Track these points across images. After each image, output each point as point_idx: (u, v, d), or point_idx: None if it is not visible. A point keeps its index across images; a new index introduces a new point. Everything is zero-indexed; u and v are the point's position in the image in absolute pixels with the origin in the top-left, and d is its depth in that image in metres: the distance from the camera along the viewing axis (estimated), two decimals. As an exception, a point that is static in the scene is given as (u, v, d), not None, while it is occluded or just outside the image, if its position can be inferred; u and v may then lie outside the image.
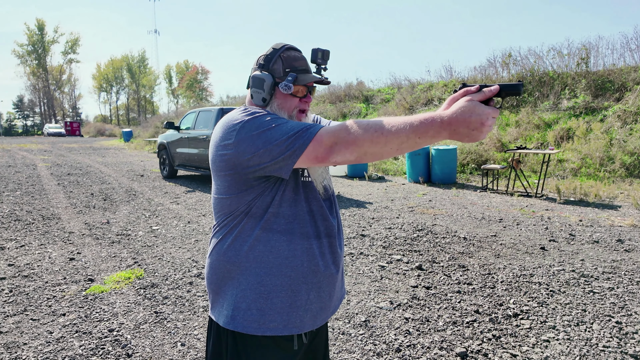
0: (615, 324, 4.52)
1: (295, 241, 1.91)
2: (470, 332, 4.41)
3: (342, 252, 2.12)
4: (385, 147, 1.60)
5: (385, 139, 1.58)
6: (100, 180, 15.86)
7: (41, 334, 4.43)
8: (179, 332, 4.48)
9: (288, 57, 2.00)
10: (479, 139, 1.53)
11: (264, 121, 1.77)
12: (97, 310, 4.96)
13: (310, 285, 1.95)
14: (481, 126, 1.49)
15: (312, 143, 1.68)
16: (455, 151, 15.10)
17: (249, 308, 1.90)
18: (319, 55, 2.01)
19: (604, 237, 7.77)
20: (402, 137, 1.56)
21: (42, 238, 7.96)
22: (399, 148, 1.60)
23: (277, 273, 1.90)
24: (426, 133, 1.54)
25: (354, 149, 1.63)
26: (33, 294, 5.45)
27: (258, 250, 1.90)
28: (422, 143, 1.58)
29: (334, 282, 2.06)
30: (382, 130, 1.58)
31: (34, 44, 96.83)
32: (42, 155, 26.75)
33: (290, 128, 1.72)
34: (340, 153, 1.65)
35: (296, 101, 2.00)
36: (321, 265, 1.97)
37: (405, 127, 1.56)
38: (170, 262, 6.61)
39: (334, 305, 2.14)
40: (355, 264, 6.47)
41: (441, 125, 1.52)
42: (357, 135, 1.61)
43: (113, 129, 73.82)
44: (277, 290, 1.90)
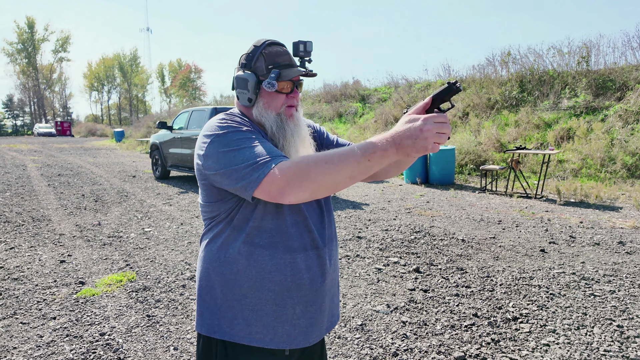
0: (616, 328, 4.53)
1: (279, 255, 1.90)
2: (468, 336, 4.42)
3: (332, 262, 2.10)
4: (339, 177, 1.63)
5: (337, 168, 1.61)
6: (92, 181, 15.83)
7: (31, 338, 4.42)
8: (171, 336, 4.48)
9: (270, 53, 1.97)
10: (428, 148, 1.54)
11: (232, 140, 1.78)
12: (88, 314, 4.95)
13: (295, 300, 1.94)
14: (420, 132, 1.52)
15: (265, 179, 1.68)
16: (453, 151, 15.12)
17: (235, 318, 1.92)
18: (301, 47, 1.99)
19: (605, 239, 7.79)
20: (353, 163, 1.60)
21: (32, 240, 7.94)
22: (351, 175, 1.63)
23: (260, 287, 1.90)
24: (374, 154, 1.58)
25: (307, 185, 1.63)
26: (23, 297, 5.44)
27: (241, 264, 1.90)
28: (373, 166, 1.61)
29: (322, 295, 2.03)
30: (332, 160, 1.61)
31: (24, 42, 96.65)
32: (32, 156, 26.70)
33: (253, 155, 1.72)
34: (293, 192, 1.65)
35: (283, 98, 1.98)
36: (306, 279, 1.95)
37: (354, 152, 1.61)
38: (162, 265, 6.60)
39: (327, 319, 2.11)
40: (352, 267, 6.47)
41: (386, 143, 1.57)
42: (309, 170, 1.62)
43: (104, 128, 73.67)
44: (262, 303, 1.91)
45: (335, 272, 2.16)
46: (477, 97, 20.83)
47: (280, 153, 1.74)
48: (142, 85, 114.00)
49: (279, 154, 1.72)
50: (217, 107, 14.22)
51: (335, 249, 2.16)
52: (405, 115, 1.64)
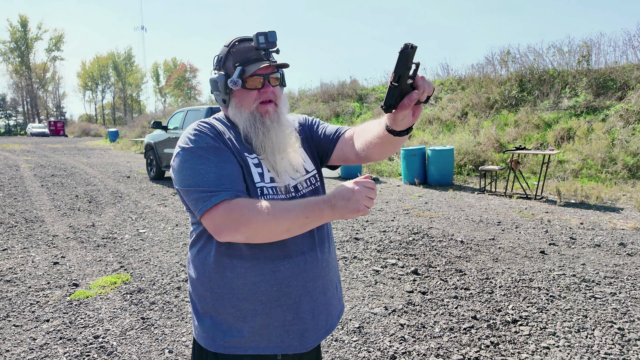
0: (617, 331, 4.54)
1: (260, 266, 1.90)
2: (467, 339, 4.42)
3: (325, 265, 2.09)
4: (277, 229, 1.71)
5: (277, 222, 1.69)
6: (85, 181, 15.82)
7: (24, 340, 4.42)
8: (166, 338, 4.48)
9: (237, 50, 1.96)
10: (360, 210, 1.66)
11: (193, 156, 1.81)
12: (82, 316, 4.95)
13: (285, 307, 1.94)
14: (353, 194, 1.66)
15: (206, 214, 1.74)
16: (452, 152, 15.14)
17: (230, 329, 1.93)
18: (261, 39, 1.92)
19: (606, 240, 7.80)
20: (292, 218, 1.70)
21: (25, 241, 7.94)
22: (288, 229, 1.73)
23: (248, 298, 1.91)
24: (312, 212, 1.70)
25: (244, 230, 1.70)
26: (16, 299, 5.43)
27: (227, 277, 1.91)
28: (310, 223, 1.73)
29: (315, 300, 2.03)
30: (274, 213, 1.69)
31: (17, 41, 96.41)
32: (25, 156, 26.66)
33: (204, 182, 1.76)
34: (229, 235, 1.73)
35: (254, 94, 1.94)
36: (294, 285, 1.95)
37: (295, 209, 1.71)
38: (157, 267, 6.60)
39: (324, 322, 2.09)
40: (349, 269, 6.48)
41: (323, 203, 1.70)
42: (250, 218, 1.69)
43: (98, 128, 73.61)
44: (253, 314, 1.91)
45: (331, 275, 2.15)
46: (476, 96, 20.84)
47: (229, 186, 1.76)
48: (137, 85, 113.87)
49: (227, 188, 1.75)
50: (213, 107, 14.23)
51: (329, 251, 2.14)
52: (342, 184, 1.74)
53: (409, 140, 20.31)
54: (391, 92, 1.57)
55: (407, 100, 1.58)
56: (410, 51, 1.51)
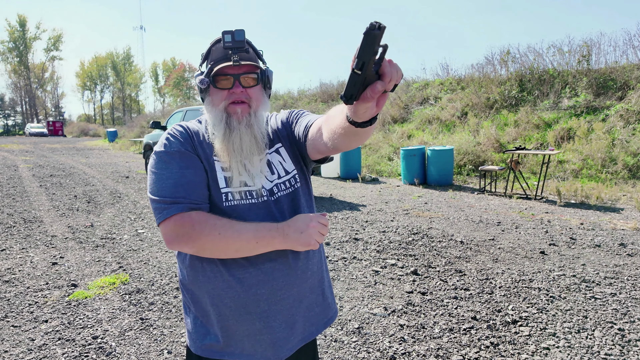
0: (617, 331, 4.54)
1: (226, 272, 1.89)
2: (467, 340, 4.42)
3: (301, 272, 2.01)
4: (225, 248, 1.77)
5: (226, 242, 1.74)
6: (84, 181, 15.81)
7: (23, 341, 4.42)
8: (165, 339, 4.47)
9: (214, 49, 1.95)
10: (311, 243, 1.76)
11: (158, 161, 1.84)
12: (80, 317, 4.94)
13: (254, 316, 1.91)
14: (307, 228, 1.76)
15: (161, 225, 1.77)
16: (452, 152, 15.15)
17: (207, 333, 1.95)
18: (227, 38, 1.88)
19: (606, 240, 7.80)
20: (243, 241, 1.75)
21: (24, 242, 7.93)
22: (238, 249, 1.78)
23: (219, 303, 1.91)
24: (263, 238, 1.76)
25: (192, 245, 1.75)
26: (14, 299, 5.43)
27: (200, 281, 1.93)
28: (260, 248, 1.79)
29: (287, 308, 1.97)
30: (225, 233, 1.73)
31: (15, 41, 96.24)
32: (23, 156, 26.65)
33: (163, 190, 1.78)
34: (178, 246, 1.78)
35: (224, 94, 1.90)
36: (262, 294, 1.90)
37: (247, 232, 1.75)
38: (156, 267, 6.60)
39: (299, 332, 2.03)
40: (348, 269, 6.48)
41: (277, 230, 1.76)
42: (200, 234, 1.73)
43: (97, 128, 73.56)
44: (224, 319, 1.92)
45: (311, 282, 2.08)
46: (476, 96, 20.83)
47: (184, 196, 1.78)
48: (136, 85, 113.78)
49: (181, 198, 1.77)
50: None
51: (307, 257, 2.05)
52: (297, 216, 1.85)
53: (409, 140, 20.33)
54: (352, 81, 1.29)
55: (371, 92, 1.30)
56: (378, 32, 1.18)
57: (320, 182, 16.03)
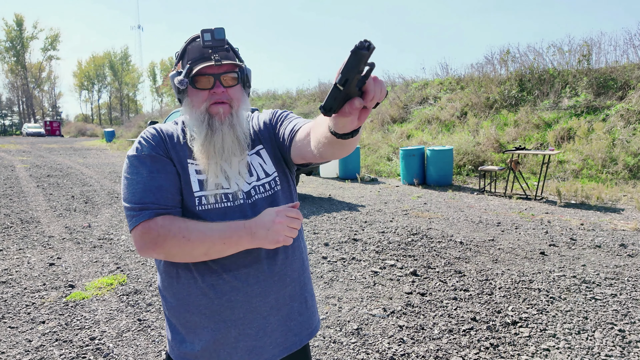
0: (618, 332, 4.54)
1: (199, 278, 1.85)
2: (467, 341, 4.42)
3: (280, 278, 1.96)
4: (193, 252, 1.71)
5: (192, 245, 1.69)
6: (81, 182, 15.80)
7: (20, 342, 4.41)
8: (163, 340, 4.47)
9: (190, 47, 1.89)
10: (280, 240, 1.67)
11: (131, 165, 1.81)
12: (78, 318, 4.94)
13: (229, 323, 1.87)
14: (273, 224, 1.65)
15: (133, 231, 1.75)
16: (451, 152, 15.16)
17: (183, 340, 1.92)
18: (206, 37, 1.83)
19: (606, 241, 7.80)
20: (208, 243, 1.69)
21: (21, 242, 7.93)
22: (206, 253, 1.72)
23: (193, 310, 1.88)
24: (230, 238, 1.69)
25: (160, 250, 1.71)
26: (11, 300, 5.43)
27: (175, 287, 1.90)
28: (229, 249, 1.72)
29: (264, 316, 1.92)
30: (190, 236, 1.69)
31: (12, 40, 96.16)
32: (20, 156, 26.61)
33: (132, 195, 1.76)
34: (147, 252, 1.74)
35: (205, 94, 1.86)
36: (236, 300, 1.86)
37: (213, 233, 1.69)
38: (154, 268, 6.58)
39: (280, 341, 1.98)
40: (347, 270, 6.48)
41: (243, 229, 1.69)
42: (165, 240, 1.69)
43: (95, 128, 73.56)
44: (199, 326, 1.88)
45: (290, 289, 2.02)
46: (475, 96, 20.84)
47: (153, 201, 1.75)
48: (133, 84, 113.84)
49: (149, 204, 1.75)
50: None
51: (285, 263, 2.00)
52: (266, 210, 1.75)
53: (408, 140, 20.34)
54: (333, 95, 1.28)
55: (349, 108, 1.29)
56: (366, 52, 1.18)
57: (319, 183, 16.05)
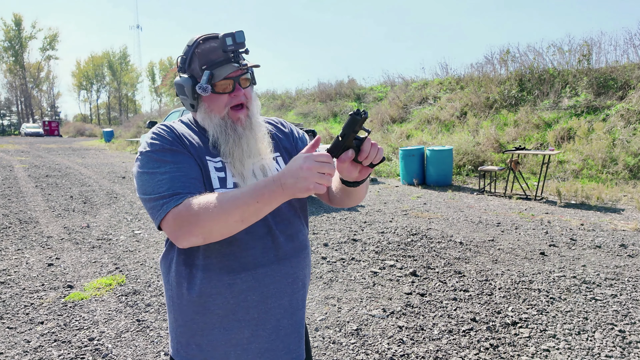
0: (618, 333, 4.54)
1: (215, 277, 1.83)
2: (466, 341, 4.42)
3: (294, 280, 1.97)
4: (229, 221, 1.61)
5: (227, 213, 1.59)
6: (80, 182, 15.79)
7: (18, 343, 4.41)
8: (162, 341, 4.47)
9: (202, 51, 1.85)
10: (310, 188, 1.52)
11: (150, 160, 1.76)
12: (76, 318, 4.94)
13: (243, 323, 1.86)
14: (300, 170, 1.51)
15: (162, 223, 1.68)
16: (451, 152, 15.16)
17: (189, 343, 1.89)
18: (228, 41, 1.79)
19: (607, 241, 7.80)
20: (242, 206, 1.59)
21: (19, 243, 7.93)
22: (242, 219, 1.61)
23: (204, 311, 1.85)
24: (262, 195, 1.57)
25: (197, 231, 1.62)
26: (10, 301, 5.43)
27: (184, 287, 1.87)
28: (264, 207, 1.60)
29: (277, 317, 1.92)
30: (222, 204, 1.60)
31: (11, 40, 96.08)
32: (19, 156, 26.60)
33: (157, 188, 1.70)
34: (185, 239, 1.65)
35: (225, 98, 1.85)
36: (252, 300, 1.86)
37: (244, 196, 1.60)
38: (153, 268, 6.59)
39: (294, 347, 1.98)
40: (347, 270, 6.47)
41: (272, 183, 1.57)
42: (198, 216, 1.61)
43: (93, 128, 73.60)
44: (209, 328, 1.86)
45: (300, 293, 2.02)
46: (475, 96, 20.85)
47: (183, 189, 1.70)
48: (132, 84, 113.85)
49: (177, 192, 1.68)
50: None
51: (300, 265, 2.02)
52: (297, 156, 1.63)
53: (407, 140, 20.34)
54: (335, 142, 1.65)
55: (343, 155, 1.64)
56: (359, 119, 1.57)
57: (319, 183, 15.96)
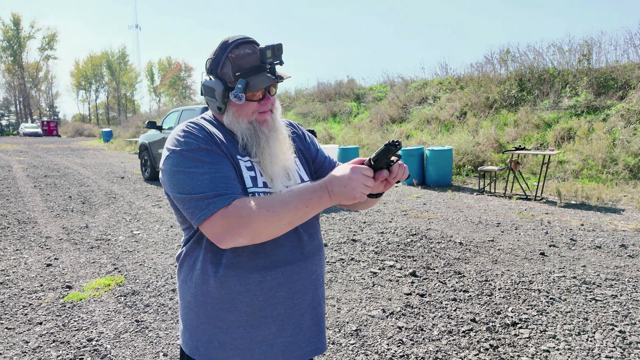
0: (618, 333, 4.54)
1: (245, 275, 1.85)
2: (466, 342, 4.42)
3: (315, 277, 2.03)
4: (280, 224, 1.68)
5: (278, 217, 1.66)
6: (79, 182, 15.79)
7: (17, 343, 4.41)
8: (161, 341, 4.47)
9: (237, 57, 1.86)
10: (356, 196, 1.65)
11: (186, 159, 1.75)
12: (75, 319, 4.94)
13: (270, 319, 1.89)
14: (349, 181, 1.64)
15: (206, 222, 1.69)
16: (450, 152, 15.16)
17: (211, 341, 1.89)
18: (268, 54, 1.83)
19: (607, 242, 7.80)
20: (293, 210, 1.67)
21: (18, 243, 7.92)
22: (291, 222, 1.70)
23: (231, 309, 1.86)
24: (311, 200, 1.68)
25: (247, 232, 1.66)
26: (8, 301, 5.42)
27: (211, 286, 1.87)
28: (310, 212, 1.70)
29: (301, 313, 1.97)
30: (274, 208, 1.66)
31: (9, 40, 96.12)
32: (17, 156, 26.61)
33: (200, 188, 1.70)
34: (232, 240, 1.68)
35: (254, 105, 1.89)
36: (280, 296, 1.90)
37: (293, 200, 1.68)
38: (152, 269, 6.59)
39: (314, 340, 2.02)
40: (346, 270, 6.47)
41: (320, 189, 1.68)
42: (251, 218, 1.65)
43: (92, 128, 73.61)
44: (235, 325, 1.87)
45: (320, 290, 2.08)
46: (475, 96, 20.85)
47: (226, 190, 1.71)
48: (131, 84, 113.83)
49: (224, 192, 1.70)
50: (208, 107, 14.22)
51: (320, 264, 2.09)
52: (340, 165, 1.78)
53: (407, 140, 20.35)
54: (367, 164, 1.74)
55: (377, 176, 1.73)
56: (393, 149, 1.65)
57: (318, 183, 15.96)
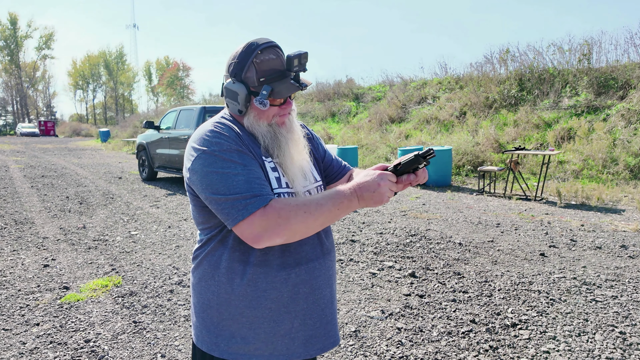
0: (618, 334, 4.54)
1: (272, 273, 1.90)
2: (466, 343, 4.42)
3: (329, 274, 2.11)
4: (314, 224, 1.76)
5: (314, 218, 1.74)
6: (76, 182, 15.79)
7: (14, 344, 4.40)
8: (159, 342, 4.47)
9: (261, 62, 1.87)
10: (384, 201, 1.77)
11: (218, 159, 1.76)
12: (72, 320, 4.93)
13: (293, 314, 1.95)
14: (378, 186, 1.73)
15: (243, 222, 1.72)
16: (450, 152, 15.15)
17: (233, 336, 1.92)
18: (295, 62, 1.87)
19: (607, 242, 7.80)
20: (326, 212, 1.75)
21: (15, 244, 7.92)
22: (323, 222, 1.78)
23: (256, 305, 1.90)
24: (342, 204, 1.76)
25: (284, 232, 1.73)
26: (5, 302, 5.42)
27: (236, 283, 1.89)
28: (340, 214, 1.78)
29: (322, 307, 2.04)
30: (309, 209, 1.74)
31: (6, 39, 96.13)
32: (14, 157, 26.60)
33: (235, 188, 1.72)
34: (269, 239, 1.74)
35: (275, 109, 1.93)
36: (303, 292, 1.97)
37: (326, 202, 1.76)
38: (149, 269, 6.59)
39: (332, 333, 2.10)
40: (345, 271, 6.47)
41: (350, 193, 1.75)
42: (289, 218, 1.72)
43: (89, 128, 73.63)
44: (259, 321, 1.90)
45: (334, 285, 2.16)
46: (474, 96, 20.86)
47: (261, 191, 1.76)
48: (129, 84, 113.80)
49: (260, 192, 1.74)
50: (206, 107, 14.21)
51: (334, 260, 2.18)
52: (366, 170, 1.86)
53: (406, 140, 20.36)
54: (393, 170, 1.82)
55: (406, 179, 1.80)
56: (422, 160, 1.75)
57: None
